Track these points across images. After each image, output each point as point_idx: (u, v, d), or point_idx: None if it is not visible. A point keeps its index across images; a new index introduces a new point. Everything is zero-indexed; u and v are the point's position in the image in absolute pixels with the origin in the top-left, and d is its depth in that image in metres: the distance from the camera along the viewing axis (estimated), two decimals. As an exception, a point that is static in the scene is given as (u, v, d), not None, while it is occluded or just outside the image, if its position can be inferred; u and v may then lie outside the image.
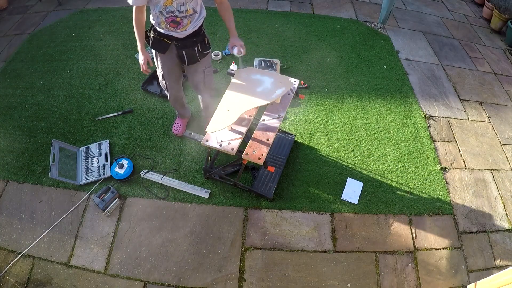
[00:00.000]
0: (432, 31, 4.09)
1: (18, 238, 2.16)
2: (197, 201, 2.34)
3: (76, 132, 2.71)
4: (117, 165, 2.39)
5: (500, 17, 4.17)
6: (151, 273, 2.04)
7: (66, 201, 2.32)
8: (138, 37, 1.95)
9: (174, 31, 1.90)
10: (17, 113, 2.86)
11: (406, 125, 2.93)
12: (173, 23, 1.86)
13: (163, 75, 2.20)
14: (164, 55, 2.06)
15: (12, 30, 3.75)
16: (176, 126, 2.69)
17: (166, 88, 2.31)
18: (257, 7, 4.13)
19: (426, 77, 3.43)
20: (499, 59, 3.85)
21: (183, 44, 1.98)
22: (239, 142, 1.91)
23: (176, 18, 1.83)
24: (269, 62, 3.18)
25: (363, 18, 4.12)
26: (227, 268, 2.07)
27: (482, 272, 2.14)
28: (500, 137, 2.96)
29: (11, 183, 2.42)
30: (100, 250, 2.12)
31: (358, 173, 2.56)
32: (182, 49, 2.00)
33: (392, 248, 2.21)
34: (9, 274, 2.03)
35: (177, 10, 1.80)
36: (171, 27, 1.88)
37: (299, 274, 2.07)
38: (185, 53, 2.01)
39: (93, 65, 3.27)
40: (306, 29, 3.86)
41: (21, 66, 3.28)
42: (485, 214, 2.42)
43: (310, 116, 2.92)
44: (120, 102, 2.94)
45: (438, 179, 2.57)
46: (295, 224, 2.27)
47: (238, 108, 1.95)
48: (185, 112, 2.68)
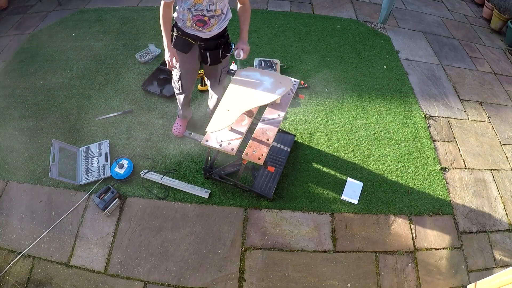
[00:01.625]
0: (432, 31, 4.09)
1: (18, 238, 2.16)
2: (197, 201, 2.34)
3: (76, 132, 2.71)
4: (117, 165, 2.39)
5: (500, 17, 4.17)
6: (151, 273, 2.04)
7: (66, 201, 2.32)
8: (166, 33, 1.90)
9: (200, 30, 1.89)
10: (17, 113, 2.85)
11: (406, 125, 2.93)
12: (200, 22, 1.83)
13: (180, 75, 2.16)
14: (186, 55, 2.03)
15: (12, 30, 3.75)
16: (176, 127, 2.67)
17: (180, 89, 2.27)
18: (257, 7, 4.13)
19: (426, 77, 3.43)
20: (499, 59, 3.85)
21: (207, 45, 1.97)
22: (239, 142, 1.91)
23: (203, 17, 1.81)
24: (269, 62, 3.18)
25: (363, 18, 4.12)
26: (227, 268, 2.07)
27: (482, 272, 2.14)
28: (500, 137, 2.96)
29: (11, 183, 2.42)
30: (100, 250, 2.12)
31: (358, 173, 2.56)
32: (206, 50, 1.98)
33: (392, 248, 2.21)
34: (9, 274, 2.03)
35: (206, 9, 1.77)
36: (198, 26, 1.85)
37: (299, 274, 2.07)
38: (209, 54, 2.00)
39: (93, 65, 3.27)
40: (306, 29, 3.86)
41: (21, 66, 3.28)
42: (485, 214, 2.42)
43: (310, 116, 2.92)
44: (120, 102, 2.94)
45: (438, 179, 2.57)
46: (295, 224, 2.27)
47: (238, 108, 1.95)
48: (188, 113, 2.67)
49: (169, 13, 1.83)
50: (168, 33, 1.90)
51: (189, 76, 2.20)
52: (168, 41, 1.93)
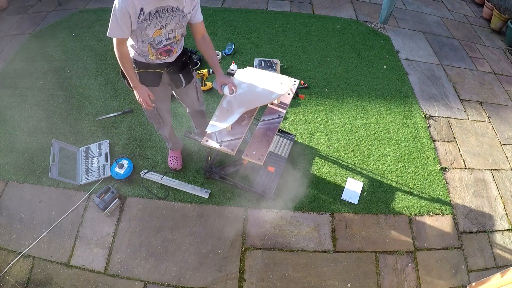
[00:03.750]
0: (432, 31, 4.09)
1: (18, 238, 2.16)
2: (197, 201, 2.34)
3: (76, 132, 2.71)
4: (117, 165, 2.39)
5: (500, 17, 4.17)
6: (151, 273, 2.04)
7: (66, 201, 2.32)
8: (130, 72, 1.72)
9: (164, 59, 1.78)
10: (17, 113, 2.85)
11: (406, 125, 2.93)
12: (165, 52, 1.73)
13: (156, 110, 2.00)
14: (157, 88, 1.89)
15: (12, 30, 3.75)
16: (172, 160, 2.47)
17: (159, 122, 2.12)
18: (257, 7, 4.13)
19: (426, 77, 3.43)
20: (499, 59, 3.85)
21: (177, 67, 1.86)
22: (239, 142, 1.91)
23: (166, 47, 1.71)
24: (269, 62, 3.18)
25: (363, 18, 4.12)
26: (227, 268, 2.07)
27: (482, 272, 2.14)
28: (500, 137, 2.96)
29: (11, 183, 2.42)
30: (100, 250, 2.12)
31: (358, 173, 2.56)
32: (178, 73, 1.88)
33: (392, 248, 2.21)
34: (9, 274, 2.03)
35: (165, 38, 1.66)
36: (163, 55, 1.75)
37: (299, 274, 2.07)
38: (182, 75, 1.89)
39: (93, 65, 3.27)
40: (306, 29, 3.86)
41: (21, 66, 3.28)
42: (485, 214, 2.42)
43: (310, 116, 2.92)
44: (120, 102, 2.94)
45: (438, 179, 2.57)
46: (295, 224, 2.27)
47: (238, 108, 1.95)
48: (178, 142, 2.47)
49: (125, 49, 1.66)
50: (132, 71, 1.73)
51: (165, 106, 2.07)
52: (135, 81, 1.76)
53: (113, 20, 1.54)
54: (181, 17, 1.64)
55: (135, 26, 1.55)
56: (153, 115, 2.06)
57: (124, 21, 1.52)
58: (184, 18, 1.66)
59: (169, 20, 1.60)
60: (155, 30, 1.60)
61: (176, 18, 1.62)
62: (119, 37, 1.59)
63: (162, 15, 1.56)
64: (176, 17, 1.61)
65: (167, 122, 2.17)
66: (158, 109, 2.01)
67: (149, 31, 1.59)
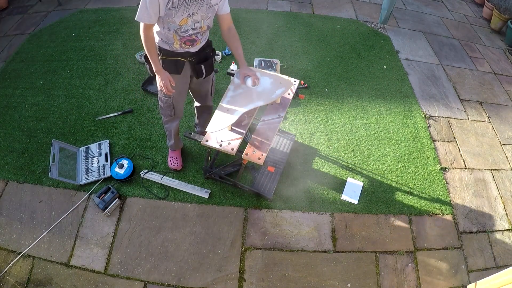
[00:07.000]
0: (432, 31, 4.09)
1: (18, 238, 2.16)
2: (197, 201, 2.34)
3: (76, 132, 2.71)
4: (117, 165, 2.39)
5: (500, 17, 4.17)
6: (151, 273, 2.04)
7: (66, 201, 2.32)
8: (153, 56, 1.76)
9: (188, 48, 1.82)
10: (17, 113, 2.85)
11: (406, 125, 2.93)
12: (188, 42, 1.78)
13: (172, 100, 2.02)
14: (179, 76, 1.92)
15: (12, 30, 3.75)
16: (173, 160, 2.47)
17: (171, 115, 2.13)
18: (257, 7, 4.13)
19: (426, 77, 3.43)
20: (499, 59, 3.85)
21: (199, 57, 1.90)
22: (239, 142, 1.91)
23: (191, 37, 1.75)
24: (269, 62, 3.18)
25: (363, 18, 4.12)
26: (227, 268, 2.07)
27: (482, 272, 2.14)
28: (500, 137, 2.96)
29: (11, 183, 2.41)
30: (100, 250, 2.12)
31: (358, 173, 2.56)
32: (200, 63, 1.91)
33: (392, 248, 2.21)
34: (9, 274, 2.03)
35: (191, 28, 1.70)
36: (186, 45, 1.79)
37: (299, 274, 2.07)
38: (204, 66, 1.93)
39: (93, 65, 3.27)
40: (306, 29, 3.86)
41: (21, 66, 3.28)
42: (485, 214, 2.42)
43: (310, 116, 2.92)
44: (120, 102, 2.94)
45: (438, 179, 2.57)
46: (295, 224, 2.27)
47: (238, 108, 1.95)
48: (180, 142, 2.47)
49: (151, 34, 1.71)
50: (156, 56, 1.77)
51: (181, 98, 2.09)
52: (158, 65, 1.79)
53: (142, 5, 1.60)
54: (208, 7, 1.68)
55: (163, 12, 1.60)
56: (167, 106, 2.07)
57: (153, 6, 1.57)
58: (210, 8, 1.71)
59: (196, 9, 1.65)
60: (182, 18, 1.64)
61: (203, 8, 1.67)
62: (146, 22, 1.64)
63: (190, 3, 1.61)
64: (203, 7, 1.66)
65: (178, 116, 2.20)
66: (174, 99, 2.03)
67: (176, 19, 1.63)
